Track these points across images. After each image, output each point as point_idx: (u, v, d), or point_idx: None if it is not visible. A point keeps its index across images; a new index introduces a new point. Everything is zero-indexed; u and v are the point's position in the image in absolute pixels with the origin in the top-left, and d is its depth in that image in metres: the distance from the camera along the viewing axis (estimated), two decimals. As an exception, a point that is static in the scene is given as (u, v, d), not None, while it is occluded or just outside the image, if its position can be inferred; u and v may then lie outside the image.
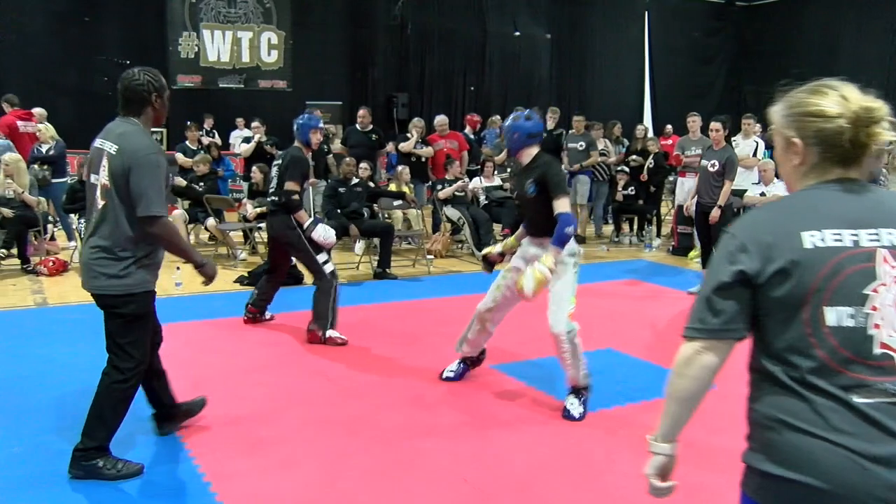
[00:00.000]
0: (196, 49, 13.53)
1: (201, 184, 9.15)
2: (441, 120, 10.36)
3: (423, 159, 10.03)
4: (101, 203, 3.25)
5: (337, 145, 10.30)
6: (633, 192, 10.49)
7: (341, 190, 8.20)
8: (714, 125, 7.45)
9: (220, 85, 13.90)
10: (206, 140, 11.20)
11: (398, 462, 3.58)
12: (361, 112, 10.08)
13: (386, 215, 9.13)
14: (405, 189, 9.40)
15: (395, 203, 8.99)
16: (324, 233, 5.41)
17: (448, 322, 6.21)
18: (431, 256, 8.95)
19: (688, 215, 7.83)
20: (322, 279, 5.42)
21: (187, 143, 10.27)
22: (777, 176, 8.92)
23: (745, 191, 8.86)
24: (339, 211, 8.07)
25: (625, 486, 3.36)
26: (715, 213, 7.12)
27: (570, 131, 10.53)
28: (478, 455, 3.66)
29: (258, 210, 8.64)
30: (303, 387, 4.61)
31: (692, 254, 9.42)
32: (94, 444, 3.34)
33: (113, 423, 3.38)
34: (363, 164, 8.94)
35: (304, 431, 3.91)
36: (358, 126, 10.02)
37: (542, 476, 3.46)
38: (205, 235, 9.63)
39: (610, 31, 18.27)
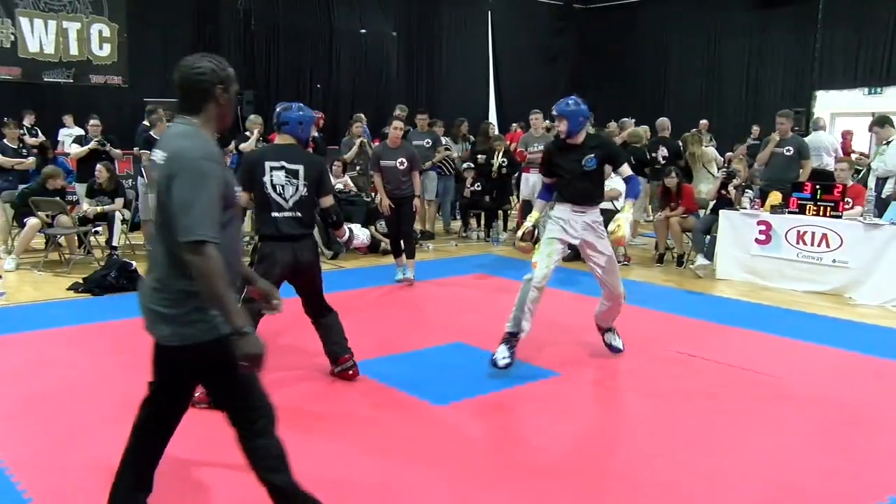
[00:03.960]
0: (12, 38, 12.52)
1: (70, 197, 8.68)
2: (282, 118, 10.13)
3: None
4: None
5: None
6: (480, 189, 10.73)
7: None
8: (396, 124, 7.86)
9: (46, 79, 12.97)
10: (31, 140, 10.37)
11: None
12: None
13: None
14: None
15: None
16: (362, 234, 5.15)
17: (293, 322, 6.12)
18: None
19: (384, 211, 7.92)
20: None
21: (6, 141, 9.42)
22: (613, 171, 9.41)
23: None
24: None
25: (479, 469, 3.45)
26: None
27: (414, 129, 10.58)
28: (335, 455, 3.64)
29: (99, 209, 8.52)
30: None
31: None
32: None
33: None
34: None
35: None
36: None
37: (398, 469, 3.49)
38: (38, 241, 8.91)
39: (456, 30, 18.60)
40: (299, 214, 4.48)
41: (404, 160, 7.54)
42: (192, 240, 2.32)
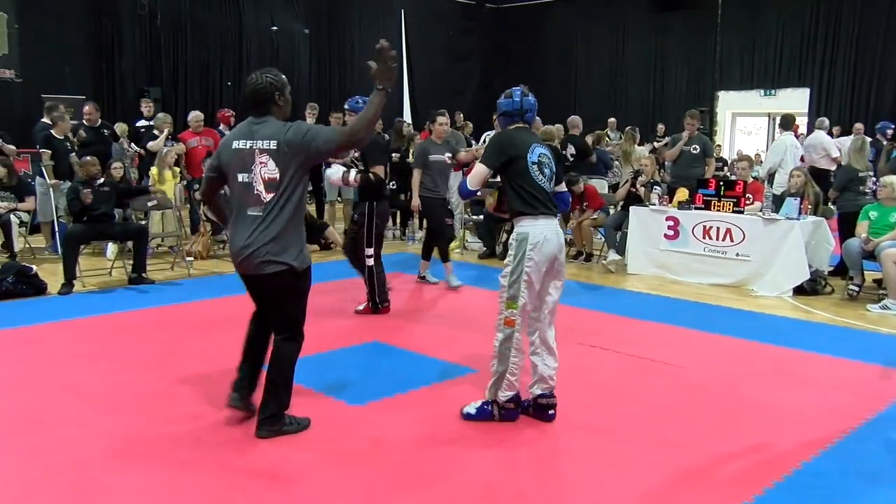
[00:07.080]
0: None
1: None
2: (195, 116, 9.90)
3: (176, 157, 9.53)
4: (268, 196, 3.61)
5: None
6: (395, 187, 10.68)
7: (86, 192, 7.55)
8: (441, 119, 7.87)
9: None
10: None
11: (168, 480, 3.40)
12: (87, 108, 9.39)
13: (142, 216, 8.60)
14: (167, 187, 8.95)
15: (150, 203, 8.46)
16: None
17: (210, 325, 5.98)
18: (191, 258, 8.55)
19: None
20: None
21: None
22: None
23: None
24: (84, 215, 7.43)
25: (396, 468, 3.44)
26: None
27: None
28: (251, 461, 3.57)
29: (8, 206, 8.41)
30: (46, 405, 4.21)
31: (453, 244, 9.82)
32: (283, 408, 3.83)
33: (292, 387, 3.87)
34: (116, 165, 8.36)
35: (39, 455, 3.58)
36: (85, 122, 9.29)
37: (314, 469, 3.45)
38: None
39: (368, 28, 18.50)
40: None
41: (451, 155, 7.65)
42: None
